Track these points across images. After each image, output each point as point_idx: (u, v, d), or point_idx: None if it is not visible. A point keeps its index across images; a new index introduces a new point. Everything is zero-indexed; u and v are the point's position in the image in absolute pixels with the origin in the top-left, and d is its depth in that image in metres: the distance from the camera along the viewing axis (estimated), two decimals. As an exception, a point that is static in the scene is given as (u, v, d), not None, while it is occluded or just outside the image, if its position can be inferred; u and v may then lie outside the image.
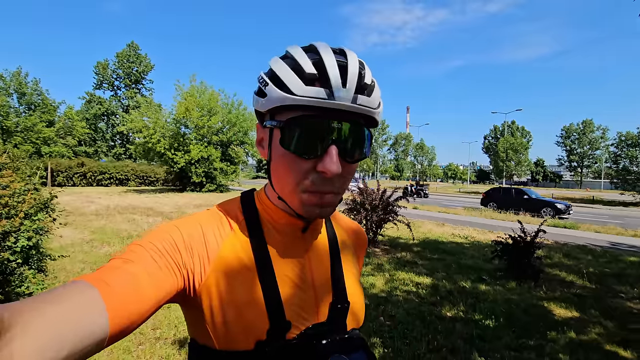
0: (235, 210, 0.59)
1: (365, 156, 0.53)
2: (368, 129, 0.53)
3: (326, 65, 0.47)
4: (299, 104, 0.47)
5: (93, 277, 0.41)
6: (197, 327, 0.52)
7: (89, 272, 3.95)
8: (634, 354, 2.89)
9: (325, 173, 0.48)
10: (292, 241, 0.58)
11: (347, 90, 0.47)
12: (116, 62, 42.29)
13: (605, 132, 65.39)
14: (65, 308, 0.36)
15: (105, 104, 41.51)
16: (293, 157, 0.49)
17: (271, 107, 0.49)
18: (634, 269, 5.77)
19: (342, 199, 0.55)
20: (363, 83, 0.49)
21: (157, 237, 0.49)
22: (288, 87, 0.47)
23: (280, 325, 0.50)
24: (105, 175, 25.90)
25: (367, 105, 0.49)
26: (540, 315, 3.65)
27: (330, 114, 0.48)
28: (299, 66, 0.48)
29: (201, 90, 21.07)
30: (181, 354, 2.63)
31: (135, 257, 0.45)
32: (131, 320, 0.41)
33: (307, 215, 0.52)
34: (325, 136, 0.48)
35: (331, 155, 0.47)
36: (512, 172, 40.71)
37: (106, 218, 9.23)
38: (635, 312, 3.85)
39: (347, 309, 0.58)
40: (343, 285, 0.59)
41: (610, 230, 10.50)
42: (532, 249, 4.95)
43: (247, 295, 0.51)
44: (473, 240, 8.02)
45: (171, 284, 0.47)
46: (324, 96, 0.46)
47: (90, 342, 0.36)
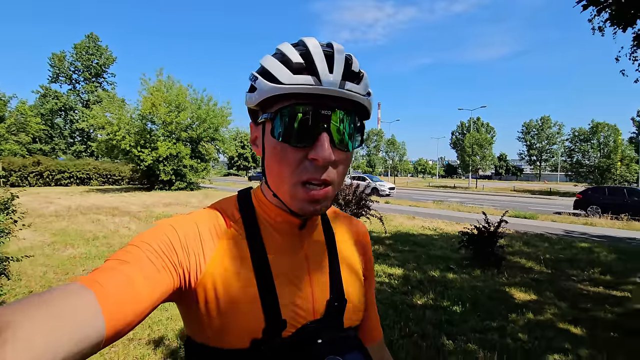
0: (231, 208, 0.59)
1: (357, 145, 0.54)
2: (360, 119, 0.53)
3: (312, 54, 0.48)
4: (288, 92, 0.47)
5: (88, 278, 0.41)
6: (193, 325, 0.52)
7: (52, 275, 3.75)
8: (583, 330, 3.18)
9: (317, 160, 0.48)
10: (289, 239, 0.57)
11: (334, 76, 0.48)
12: (74, 54, 39.69)
13: (561, 128, 70.02)
14: (59, 310, 0.35)
15: (62, 99, 38.89)
16: (284, 147, 0.49)
17: (261, 99, 0.50)
18: (584, 254, 6.29)
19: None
20: (350, 70, 0.50)
21: (152, 236, 0.49)
22: (277, 78, 0.48)
23: (275, 324, 0.50)
24: (65, 175, 24.36)
25: (355, 91, 0.49)
26: (502, 299, 3.91)
27: (320, 101, 0.48)
28: (286, 58, 0.49)
29: (169, 84, 20.28)
30: (156, 354, 2.59)
31: (130, 258, 0.45)
32: (127, 322, 0.41)
33: (301, 211, 0.51)
34: (315, 124, 0.48)
35: (322, 142, 0.47)
36: (478, 167, 42.60)
37: (68, 219, 8.73)
38: (584, 293, 4.21)
39: (343, 307, 0.57)
40: (340, 283, 0.59)
41: (564, 219, 11.34)
42: (495, 238, 5.27)
43: (243, 293, 0.50)
44: (442, 232, 8.37)
45: (167, 284, 0.47)
46: (311, 83, 0.47)
47: (86, 345, 0.36)
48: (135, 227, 7.86)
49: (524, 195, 27.49)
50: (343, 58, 0.49)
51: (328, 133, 0.48)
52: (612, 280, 4.76)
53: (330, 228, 0.64)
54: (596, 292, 4.25)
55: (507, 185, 47.00)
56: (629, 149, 32.25)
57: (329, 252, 0.61)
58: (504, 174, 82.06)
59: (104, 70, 41.32)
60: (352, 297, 0.60)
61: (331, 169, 0.50)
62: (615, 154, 29.80)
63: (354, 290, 0.61)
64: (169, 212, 10.52)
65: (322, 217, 0.64)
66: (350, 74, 0.50)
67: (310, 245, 0.59)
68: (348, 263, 0.63)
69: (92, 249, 5.79)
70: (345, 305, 0.57)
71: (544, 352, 2.72)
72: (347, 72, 0.49)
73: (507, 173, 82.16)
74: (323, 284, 0.57)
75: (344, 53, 0.50)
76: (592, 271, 5.14)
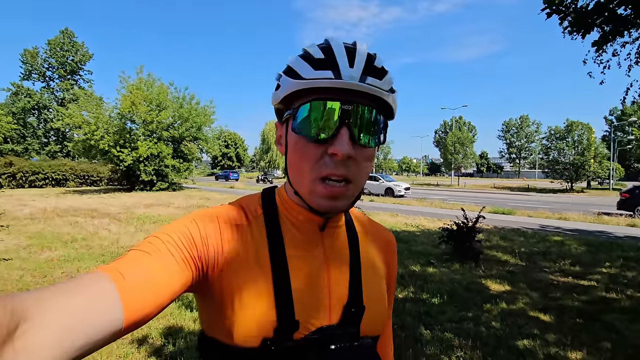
0: (254, 204, 0.59)
1: (380, 142, 0.53)
2: (384, 116, 0.53)
3: (334, 49, 0.49)
4: (309, 87, 0.48)
5: (109, 268, 0.42)
6: (208, 318, 0.53)
7: (30, 278, 3.69)
8: (551, 317, 3.36)
9: (336, 155, 0.47)
10: (310, 238, 0.56)
11: (354, 70, 0.47)
12: (48, 50, 38.20)
13: (539, 127, 72.60)
14: (81, 299, 0.36)
15: (35, 97, 37.35)
16: (305, 142, 0.49)
17: (284, 95, 0.51)
18: (557, 247, 6.60)
19: (360, 195, 0.54)
20: (373, 66, 0.50)
21: (174, 229, 0.50)
22: (299, 73, 0.49)
23: (288, 324, 0.49)
24: (39, 176, 23.44)
25: (376, 86, 0.48)
26: (478, 291, 4.08)
27: (340, 96, 0.48)
28: (309, 54, 0.50)
29: (149, 83, 19.82)
30: (140, 352, 2.59)
31: (151, 249, 0.46)
32: (146, 312, 0.42)
33: (319, 207, 0.50)
34: (335, 117, 0.47)
35: (342, 136, 0.47)
36: (460, 165, 43.64)
37: (44, 222, 8.47)
38: (555, 284, 4.44)
39: (361, 313, 0.55)
40: (360, 288, 0.57)
41: (540, 215, 11.79)
42: (473, 233, 5.47)
43: (257, 290, 0.50)
44: (424, 228, 8.57)
45: (186, 277, 0.47)
46: (331, 76, 0.47)
47: (105, 333, 0.37)
48: (115, 229, 7.71)
49: (504, 192, 28.38)
50: (365, 54, 0.50)
51: (348, 128, 0.47)
52: (581, 270, 5.02)
53: (354, 232, 0.62)
54: (565, 282, 4.49)
55: (488, 183, 48.35)
56: (602, 147, 33.75)
57: (350, 256, 0.58)
58: (485, 172, 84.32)
59: (80, 67, 39.93)
60: (373, 305, 0.57)
61: (352, 165, 0.49)
62: (589, 152, 31.11)
63: (375, 298, 0.58)
64: (150, 213, 10.34)
65: (347, 221, 0.62)
66: (372, 69, 0.49)
67: (332, 247, 0.58)
68: (371, 270, 0.61)
69: (70, 251, 5.66)
70: (363, 312, 0.55)
71: (514, 338, 2.88)
72: (368, 67, 0.49)
73: (488, 170, 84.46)
74: (342, 287, 0.55)
75: (367, 50, 0.51)
76: (563, 263, 5.41)
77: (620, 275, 4.80)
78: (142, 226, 8.15)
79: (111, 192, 18.70)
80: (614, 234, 8.27)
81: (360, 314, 0.55)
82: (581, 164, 29.01)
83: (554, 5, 3.99)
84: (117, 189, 21.00)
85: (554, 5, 3.99)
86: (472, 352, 2.66)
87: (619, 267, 5.20)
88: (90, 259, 5.19)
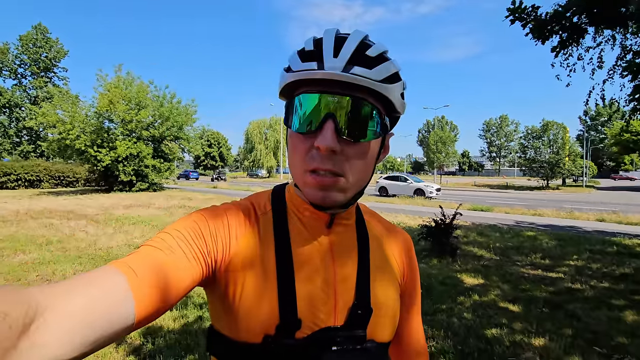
0: (264, 201, 0.59)
1: (373, 137, 0.49)
2: (379, 108, 0.49)
3: (323, 40, 0.48)
4: (296, 79, 0.47)
5: (121, 263, 0.42)
6: (215, 313, 0.54)
7: (2, 282, 3.60)
8: (519, 307, 3.54)
9: (319, 148, 0.46)
10: (317, 236, 0.55)
11: (338, 60, 0.45)
12: (19, 46, 36.65)
13: (518, 126, 75.02)
14: (94, 293, 0.37)
15: (6, 95, 35.75)
16: (296, 136, 0.49)
17: (279, 89, 0.51)
18: (529, 241, 6.88)
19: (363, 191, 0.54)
20: (363, 55, 0.47)
21: (184, 225, 0.50)
22: (290, 66, 0.49)
23: (290, 322, 0.49)
24: (11, 177, 22.52)
25: (364, 76, 0.45)
26: (453, 284, 4.23)
27: (327, 88, 0.46)
28: (303, 48, 0.49)
29: (128, 81, 19.35)
30: (118, 352, 2.59)
31: (162, 245, 0.46)
32: (157, 307, 0.42)
33: (313, 199, 0.50)
34: (320, 110, 0.46)
35: (325, 130, 0.45)
36: (442, 163, 44.61)
37: (17, 224, 8.17)
38: (525, 276, 4.65)
39: (368, 316, 0.53)
40: (368, 290, 0.55)
41: (516, 211, 12.24)
42: (451, 230, 5.65)
43: (262, 286, 0.50)
44: (405, 225, 8.76)
45: (196, 272, 0.48)
46: (314, 67, 0.46)
47: (118, 328, 0.38)
48: (93, 231, 7.53)
49: (484, 190, 29.20)
50: (356, 42, 0.47)
51: (334, 120, 0.46)
52: (550, 263, 5.28)
53: (365, 231, 0.60)
54: (535, 275, 4.71)
55: (469, 181, 49.63)
56: (576, 145, 35.22)
57: (359, 256, 0.57)
58: (467, 170, 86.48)
59: (54, 64, 38.50)
60: (382, 308, 0.55)
61: (341, 159, 0.47)
62: (563, 150, 32.41)
63: (385, 301, 0.56)
64: (130, 214, 10.13)
65: (358, 219, 0.61)
66: (361, 58, 0.46)
67: (339, 245, 0.56)
68: (382, 272, 0.59)
69: (46, 253, 5.50)
70: (370, 315, 0.53)
71: (484, 328, 3.03)
72: (357, 56, 0.46)
73: (469, 169, 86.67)
74: (349, 288, 0.54)
75: (361, 39, 0.48)
76: (534, 256, 5.66)
77: (586, 267, 5.07)
78: (121, 227, 7.99)
79: (88, 193, 18.18)
80: (584, 228, 8.68)
81: (367, 317, 0.53)
82: (556, 162, 30.19)
83: (517, 12, 4.22)
84: (94, 190, 20.44)
85: (517, 13, 4.23)
86: (443, 341, 2.78)
87: (585, 260, 5.49)
88: (66, 262, 5.08)
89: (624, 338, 2.91)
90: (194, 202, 14.08)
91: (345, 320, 0.52)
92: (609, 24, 3.84)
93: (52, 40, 38.01)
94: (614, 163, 58.72)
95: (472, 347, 2.70)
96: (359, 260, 0.56)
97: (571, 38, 4.26)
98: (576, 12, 3.79)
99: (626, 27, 4.07)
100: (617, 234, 7.57)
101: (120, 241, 6.52)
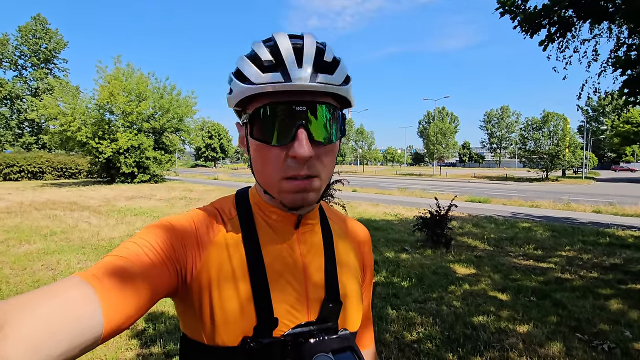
0: (229, 206, 0.59)
1: (340, 136, 0.53)
2: (339, 108, 0.52)
3: (281, 49, 0.48)
4: (260, 92, 0.47)
5: (86, 274, 0.41)
6: (188, 321, 0.53)
7: (9, 271, 3.73)
8: (508, 296, 3.67)
9: (296, 158, 0.47)
10: (285, 237, 0.57)
11: (303, 70, 0.46)
12: (19, 37, 36.46)
13: (519, 117, 74.51)
14: (59, 305, 0.36)
15: (7, 86, 35.76)
16: (265, 147, 0.50)
17: (235, 101, 0.50)
18: (524, 232, 7.00)
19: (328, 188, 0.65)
20: (322, 61, 0.49)
21: (150, 234, 0.50)
22: (248, 77, 0.48)
23: (267, 322, 0.50)
24: (14, 169, 22.75)
25: (328, 83, 0.48)
26: (445, 274, 4.36)
27: (293, 97, 0.47)
28: (257, 56, 0.49)
29: (128, 72, 19.35)
30: (121, 337, 2.73)
31: (128, 254, 0.46)
32: (126, 317, 0.41)
33: (292, 203, 0.51)
34: (291, 121, 0.47)
35: (300, 139, 0.47)
36: (442, 155, 44.58)
37: (21, 215, 8.33)
38: (517, 266, 4.77)
39: (339, 309, 0.57)
40: (336, 284, 0.58)
41: (514, 203, 12.33)
42: (446, 221, 5.76)
43: (236, 290, 0.51)
44: (402, 217, 8.87)
45: (164, 280, 0.47)
46: (280, 79, 0.46)
47: (85, 340, 0.37)
48: (96, 222, 7.68)
49: (483, 182, 29.25)
50: (314, 50, 0.48)
51: (306, 129, 0.47)
52: (542, 254, 5.39)
53: (329, 229, 0.63)
54: (526, 265, 4.83)
55: (469, 172, 49.59)
56: (576, 136, 35.09)
57: (325, 253, 0.60)
58: (467, 162, 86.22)
59: (54, 55, 38.37)
60: (349, 300, 0.59)
61: (315, 162, 0.50)
62: (563, 142, 32.28)
63: (351, 293, 0.60)
64: (132, 206, 10.28)
65: (321, 218, 0.63)
66: (322, 65, 0.49)
67: (306, 245, 0.59)
68: (346, 267, 0.62)
69: (50, 244, 5.65)
70: (340, 308, 0.57)
71: (471, 315, 3.16)
72: (318, 64, 0.48)
73: (470, 160, 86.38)
74: (318, 284, 0.57)
75: (315, 44, 0.49)
76: (527, 247, 5.78)
77: (577, 258, 5.19)
78: (123, 219, 8.14)
79: (91, 185, 18.35)
80: (579, 219, 8.78)
81: (338, 310, 0.57)
82: (556, 153, 30.12)
83: (506, 5, 4.26)
84: (96, 182, 20.61)
85: (506, 6, 4.26)
86: (431, 328, 2.91)
87: (577, 251, 5.61)
88: (70, 252, 5.22)
89: (606, 325, 3.03)
90: (195, 194, 14.22)
91: (318, 314, 0.55)
92: (596, 18, 3.87)
93: (51, 31, 37.80)
94: (615, 154, 58.55)
95: (459, 333, 2.83)
96: (326, 257, 0.59)
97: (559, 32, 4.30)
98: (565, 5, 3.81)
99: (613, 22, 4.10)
100: (611, 225, 7.67)
101: (123, 232, 6.67)
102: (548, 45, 4.48)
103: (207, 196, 13.56)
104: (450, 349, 2.62)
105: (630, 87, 3.89)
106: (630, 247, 5.75)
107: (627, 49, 4.35)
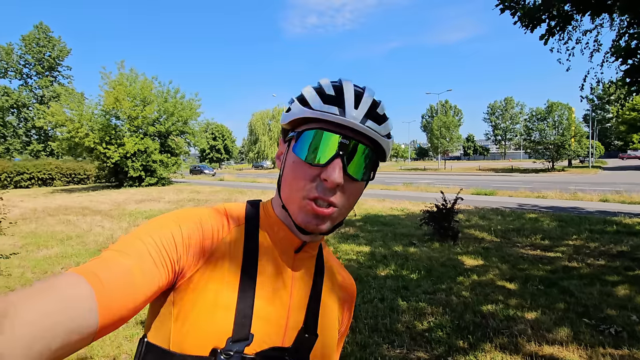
0: (238, 213, 0.61)
1: (369, 179, 0.57)
2: (376, 156, 0.57)
3: (344, 89, 0.54)
4: (316, 117, 0.53)
5: (84, 269, 0.41)
6: (158, 323, 0.52)
7: (30, 275, 3.90)
8: (516, 285, 3.75)
9: (327, 181, 0.51)
10: (284, 257, 0.59)
11: (358, 112, 0.52)
12: (23, 46, 36.91)
13: (523, 108, 73.88)
14: (55, 300, 0.36)
15: (13, 95, 36.24)
16: (302, 164, 0.53)
17: (292, 118, 0.56)
18: (530, 223, 7.04)
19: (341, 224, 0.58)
20: (375, 112, 0.55)
21: (156, 230, 0.50)
22: (309, 103, 0.54)
23: (241, 336, 0.50)
24: (24, 176, 23.12)
25: (375, 130, 0.53)
26: (454, 266, 4.45)
27: (342, 131, 0.52)
28: (322, 89, 0.55)
29: (132, 77, 19.57)
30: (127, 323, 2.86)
31: (131, 250, 0.46)
32: (121, 314, 0.41)
33: (305, 224, 0.53)
34: (332, 148, 0.52)
35: (334, 166, 0.51)
36: (446, 148, 44.39)
37: (36, 221, 8.56)
38: (524, 257, 4.84)
39: (314, 341, 0.57)
40: (317, 317, 0.59)
41: (520, 194, 12.33)
42: (452, 214, 5.83)
43: (222, 299, 0.51)
44: (408, 212, 8.95)
45: (163, 280, 0.48)
46: (336, 113, 0.52)
47: (80, 335, 0.37)
48: (109, 225, 7.87)
49: (488, 174, 29.14)
50: (371, 99, 0.54)
51: (342, 160, 0.52)
52: (549, 244, 5.45)
53: (322, 267, 0.65)
54: (534, 255, 4.90)
55: (474, 165, 49.31)
56: (582, 125, 34.78)
57: (313, 285, 0.61)
58: (472, 154, 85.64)
59: (58, 63, 38.79)
60: (325, 337, 0.60)
61: (340, 194, 0.53)
62: (569, 131, 32.03)
63: (327, 331, 0.61)
64: (142, 209, 10.47)
65: (319, 254, 0.65)
66: (374, 115, 0.54)
67: (300, 271, 0.60)
68: (330, 306, 0.64)
69: (67, 248, 5.83)
70: (315, 341, 0.58)
71: (480, 304, 3.25)
72: (371, 112, 0.54)
73: (474, 153, 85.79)
74: (300, 313, 0.58)
75: (373, 96, 0.56)
76: (535, 238, 5.84)
77: (584, 247, 5.24)
78: (134, 221, 8.32)
79: (100, 190, 18.63)
80: (586, 209, 8.79)
81: (312, 342, 0.57)
82: (561, 143, 29.89)
83: (507, 1, 4.31)
84: (105, 186, 20.89)
85: (507, 2, 4.32)
86: (442, 317, 3.01)
87: (584, 239, 5.65)
88: (87, 255, 5.39)
89: (613, 310, 3.11)
90: (202, 195, 14.40)
91: (293, 342, 0.55)
92: (595, 11, 3.90)
93: (54, 39, 38.21)
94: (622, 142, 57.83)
95: (468, 321, 2.93)
96: (312, 289, 0.61)
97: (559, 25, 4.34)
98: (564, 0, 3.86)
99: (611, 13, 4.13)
100: (618, 214, 7.68)
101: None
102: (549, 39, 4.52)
103: (214, 197, 13.74)
104: (460, 336, 2.72)
105: (631, 76, 3.93)
106: (637, 235, 5.78)
107: (629, 38, 4.38)
